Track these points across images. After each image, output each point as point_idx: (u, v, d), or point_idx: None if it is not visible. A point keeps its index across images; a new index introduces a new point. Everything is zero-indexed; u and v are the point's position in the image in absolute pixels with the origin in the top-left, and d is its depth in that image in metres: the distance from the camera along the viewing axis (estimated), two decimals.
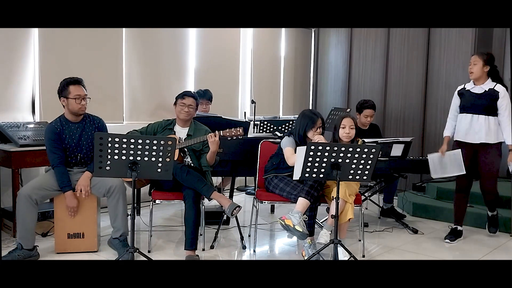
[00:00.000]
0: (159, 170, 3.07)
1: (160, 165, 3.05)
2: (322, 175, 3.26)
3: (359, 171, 3.25)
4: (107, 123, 3.87)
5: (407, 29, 6.27)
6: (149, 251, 3.75)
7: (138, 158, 3.01)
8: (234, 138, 3.71)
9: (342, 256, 3.38)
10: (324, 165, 3.20)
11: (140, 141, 2.97)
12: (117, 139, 2.96)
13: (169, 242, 4.06)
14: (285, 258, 3.93)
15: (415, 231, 4.49)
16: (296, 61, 7.26)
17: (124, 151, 2.98)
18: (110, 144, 2.96)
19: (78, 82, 3.62)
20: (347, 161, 3.20)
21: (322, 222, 4.30)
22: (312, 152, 3.16)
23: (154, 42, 5.49)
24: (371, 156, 3.20)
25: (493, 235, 4.37)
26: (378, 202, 5.07)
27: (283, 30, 7.01)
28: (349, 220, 3.57)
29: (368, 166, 3.23)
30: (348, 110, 5.79)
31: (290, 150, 3.70)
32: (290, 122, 5.47)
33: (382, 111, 6.46)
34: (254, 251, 3.89)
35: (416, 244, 4.19)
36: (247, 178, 6.35)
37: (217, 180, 5.08)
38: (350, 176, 3.27)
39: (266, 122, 5.50)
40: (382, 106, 6.44)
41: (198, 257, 3.58)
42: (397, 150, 4.39)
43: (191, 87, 5.81)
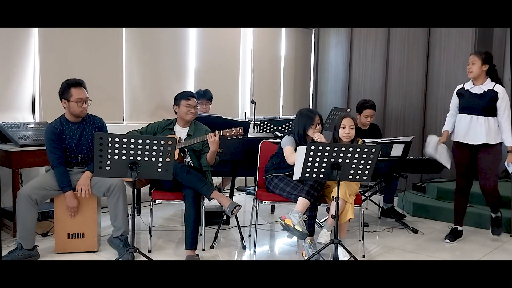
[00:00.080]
0: (159, 170, 3.07)
1: (160, 165, 3.05)
2: (322, 175, 3.26)
3: (359, 171, 3.25)
4: (107, 123, 3.87)
5: (407, 29, 6.27)
6: (149, 251, 3.75)
7: (138, 158, 3.01)
8: (234, 138, 3.70)
9: (342, 256, 3.38)
10: (324, 165, 3.20)
11: (140, 141, 2.97)
12: (117, 139, 2.96)
13: (169, 242, 4.06)
14: (285, 258, 3.93)
15: (415, 231, 4.49)
16: (296, 61, 7.26)
17: (124, 151, 2.98)
18: (110, 144, 2.96)
19: (79, 84, 3.58)
20: (347, 161, 3.20)
21: (322, 222, 4.30)
22: (312, 152, 3.16)
23: (154, 42, 5.49)
24: (371, 156, 3.20)
25: (493, 235, 4.35)
26: (378, 202, 5.07)
27: (283, 30, 7.01)
28: (349, 220, 3.57)
29: (368, 166, 3.23)
30: (348, 110, 5.79)
31: (290, 149, 3.70)
32: (290, 122, 5.46)
33: (382, 111, 6.46)
34: (254, 251, 3.89)
35: (416, 244, 4.19)
36: (247, 178, 6.35)
37: (217, 180, 5.09)
38: (350, 176, 3.27)
39: (266, 122, 5.49)
40: (382, 106, 6.44)
41: (198, 257, 3.58)
42: (397, 150, 4.39)
43: (191, 87, 5.81)
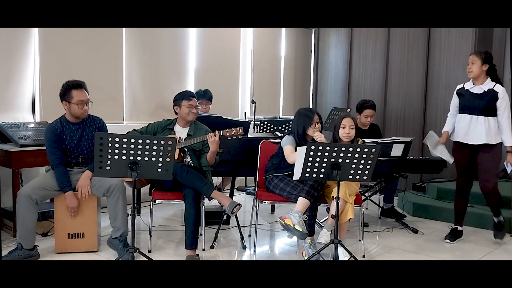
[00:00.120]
0: (159, 170, 3.07)
1: (160, 165, 3.05)
2: (322, 175, 3.26)
3: (359, 171, 3.25)
4: (107, 123, 3.87)
5: (407, 29, 6.27)
6: (149, 251, 3.75)
7: (138, 158, 3.01)
8: (234, 138, 3.70)
9: (342, 256, 3.38)
10: (324, 165, 3.20)
11: (140, 141, 2.97)
12: (117, 139, 2.96)
13: (169, 242, 4.06)
14: (285, 258, 3.93)
15: (415, 231, 4.49)
16: (296, 61, 7.26)
17: (124, 151, 2.98)
18: (110, 144, 2.96)
19: (80, 86, 3.58)
20: (347, 161, 3.20)
21: (322, 222, 4.30)
22: (312, 152, 3.16)
23: (154, 42, 5.49)
24: (371, 156, 3.20)
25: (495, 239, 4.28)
26: (378, 202, 5.07)
27: (283, 30, 7.01)
28: (349, 220, 3.57)
29: (368, 166, 3.23)
30: (348, 110, 5.78)
31: (290, 148, 3.70)
32: (290, 122, 5.43)
33: (382, 111, 6.46)
34: (254, 251, 3.89)
35: (416, 244, 4.19)
36: (247, 178, 6.35)
37: (217, 180, 5.09)
38: (350, 176, 3.27)
39: (266, 122, 5.49)
40: (382, 106, 6.44)
41: (198, 256, 3.58)
42: (397, 150, 4.38)
43: (191, 87, 5.81)
